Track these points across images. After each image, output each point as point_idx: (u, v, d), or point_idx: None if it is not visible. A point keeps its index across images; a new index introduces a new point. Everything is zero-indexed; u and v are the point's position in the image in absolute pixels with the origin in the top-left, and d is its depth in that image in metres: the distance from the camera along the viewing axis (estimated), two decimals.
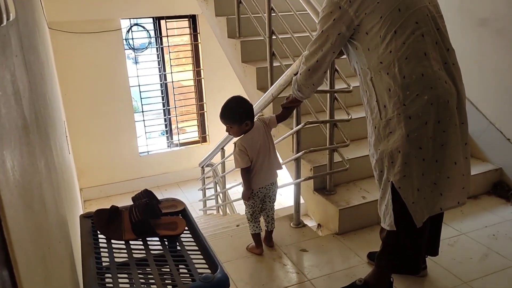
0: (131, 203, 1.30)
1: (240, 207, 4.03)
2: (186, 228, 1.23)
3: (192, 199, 5.48)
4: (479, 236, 2.35)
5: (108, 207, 1.31)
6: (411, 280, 1.98)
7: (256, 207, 2.23)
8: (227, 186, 3.95)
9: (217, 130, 6.08)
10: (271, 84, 2.87)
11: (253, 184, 2.15)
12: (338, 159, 2.52)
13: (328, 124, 2.54)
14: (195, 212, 5.08)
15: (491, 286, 1.97)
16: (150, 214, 1.20)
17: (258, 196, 2.19)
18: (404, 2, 1.52)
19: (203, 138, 6.42)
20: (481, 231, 2.40)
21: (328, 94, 2.51)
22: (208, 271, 1.04)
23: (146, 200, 1.23)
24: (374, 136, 1.66)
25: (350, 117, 2.45)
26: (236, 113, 2.06)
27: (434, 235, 1.87)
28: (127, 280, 1.08)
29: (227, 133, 2.16)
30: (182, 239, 1.19)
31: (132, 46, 5.74)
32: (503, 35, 2.64)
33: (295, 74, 2.38)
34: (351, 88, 2.42)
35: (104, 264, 1.15)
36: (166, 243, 1.19)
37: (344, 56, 2.04)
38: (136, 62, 6.13)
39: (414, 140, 1.54)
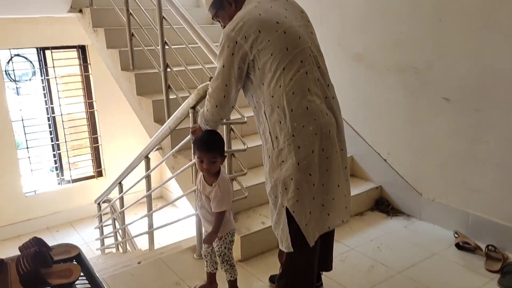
0: (17, 251, 1.20)
1: (141, 243, 3.89)
2: (82, 274, 1.18)
3: (88, 238, 5.14)
4: (366, 250, 2.59)
5: None
6: None
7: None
8: (127, 221, 3.79)
9: (114, 163, 5.84)
10: (168, 117, 2.88)
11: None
12: (237, 187, 2.60)
13: (227, 155, 2.61)
14: (92, 252, 4.76)
15: None
16: (40, 263, 1.13)
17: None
18: (291, 42, 1.69)
19: (99, 173, 6.10)
20: (367, 245, 2.65)
21: (224, 126, 2.60)
22: None
23: (35, 249, 1.16)
24: (269, 165, 1.76)
25: (246, 146, 2.55)
26: (223, 145, 1.98)
27: (327, 251, 2.03)
28: None
29: (200, 168, 1.95)
30: (78, 286, 1.14)
31: (13, 78, 5.30)
32: (373, 68, 3.00)
33: (192, 107, 2.44)
34: (245, 119, 2.53)
35: None
36: None
37: None
38: (18, 94, 5.66)
39: (304, 167, 1.67)
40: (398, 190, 3.06)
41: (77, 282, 1.16)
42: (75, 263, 1.23)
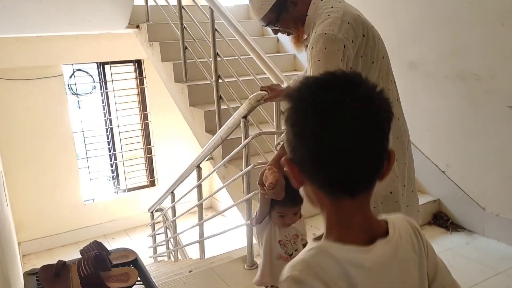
0: (75, 255, 1.25)
1: (192, 252, 3.94)
2: (139, 278, 1.20)
3: (141, 246, 5.28)
4: None
5: (50, 261, 1.25)
6: None
7: None
8: (178, 230, 3.86)
9: (166, 173, 6.00)
10: (220, 127, 2.92)
11: None
12: None
13: None
14: (145, 259, 4.88)
15: None
16: (100, 267, 1.17)
17: None
18: (384, 49, 1.60)
19: (152, 182, 6.29)
20: None
21: (275, 136, 2.59)
22: None
23: (96, 252, 1.20)
24: None
25: None
26: None
27: None
28: None
29: (281, 224, 1.51)
30: None
31: (75, 92, 5.62)
32: (430, 76, 2.89)
33: (243, 117, 2.46)
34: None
35: None
36: None
37: None
38: (79, 107, 5.99)
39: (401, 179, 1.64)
40: (458, 204, 2.90)
41: (134, 286, 1.18)
42: (133, 267, 1.25)
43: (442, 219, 2.94)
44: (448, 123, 2.85)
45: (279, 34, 1.74)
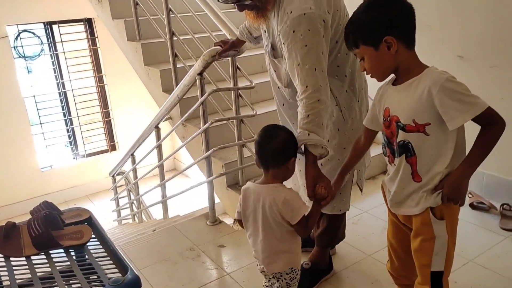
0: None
1: (156, 213, 3.95)
2: (93, 236, 1.19)
3: (104, 210, 5.24)
4: (378, 212, 2.58)
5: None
6: None
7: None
8: (141, 192, 3.85)
9: (126, 136, 5.88)
10: (176, 86, 2.86)
11: None
12: (248, 154, 2.59)
13: (235, 121, 2.60)
14: (110, 223, 4.86)
15: None
16: (51, 226, 1.15)
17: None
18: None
19: (112, 147, 6.16)
20: (380, 208, 2.63)
21: (232, 92, 2.58)
22: (119, 275, 1.03)
23: (46, 211, 1.17)
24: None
25: (255, 112, 2.53)
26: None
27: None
28: None
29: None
30: (90, 248, 1.16)
31: (23, 54, 5.31)
32: None
33: (199, 74, 2.42)
34: (253, 84, 2.50)
35: (4, 285, 1.07)
36: (73, 254, 1.14)
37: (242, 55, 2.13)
38: (29, 72, 5.69)
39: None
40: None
41: (89, 244, 1.18)
42: (87, 225, 1.24)
43: None
44: None
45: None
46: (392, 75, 1.28)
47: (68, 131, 5.86)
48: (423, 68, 1.22)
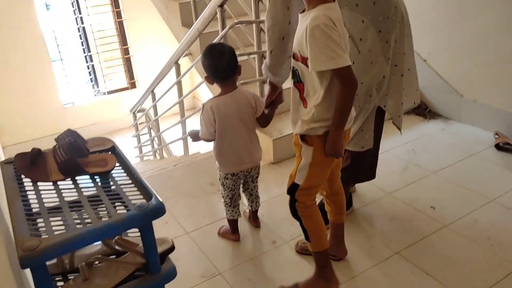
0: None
1: (177, 149, 4.01)
2: (118, 164, 1.21)
3: (126, 147, 5.34)
4: (400, 152, 2.55)
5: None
6: None
7: (235, 190, 1.88)
8: (161, 129, 3.88)
9: (146, 73, 5.85)
10: (196, 19, 2.77)
11: (222, 168, 1.83)
12: None
13: (256, 56, 2.53)
14: (132, 160, 4.96)
15: (410, 194, 2.17)
16: (76, 153, 1.16)
17: (234, 179, 1.84)
18: None
19: (132, 84, 6.16)
20: (402, 147, 2.60)
21: (254, 26, 2.48)
22: (144, 201, 1.05)
23: (70, 139, 1.19)
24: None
25: None
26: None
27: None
28: (61, 222, 1.05)
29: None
30: (114, 175, 1.17)
31: None
32: None
33: (219, 6, 2.32)
34: None
35: (33, 207, 1.10)
36: (98, 180, 1.17)
37: None
38: (48, 8, 5.59)
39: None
40: (437, 92, 2.92)
41: (113, 172, 1.19)
42: (111, 154, 1.26)
43: (420, 108, 2.99)
44: (429, 9, 2.75)
45: None
46: None
47: (88, 67, 5.85)
48: (320, 2, 1.25)
